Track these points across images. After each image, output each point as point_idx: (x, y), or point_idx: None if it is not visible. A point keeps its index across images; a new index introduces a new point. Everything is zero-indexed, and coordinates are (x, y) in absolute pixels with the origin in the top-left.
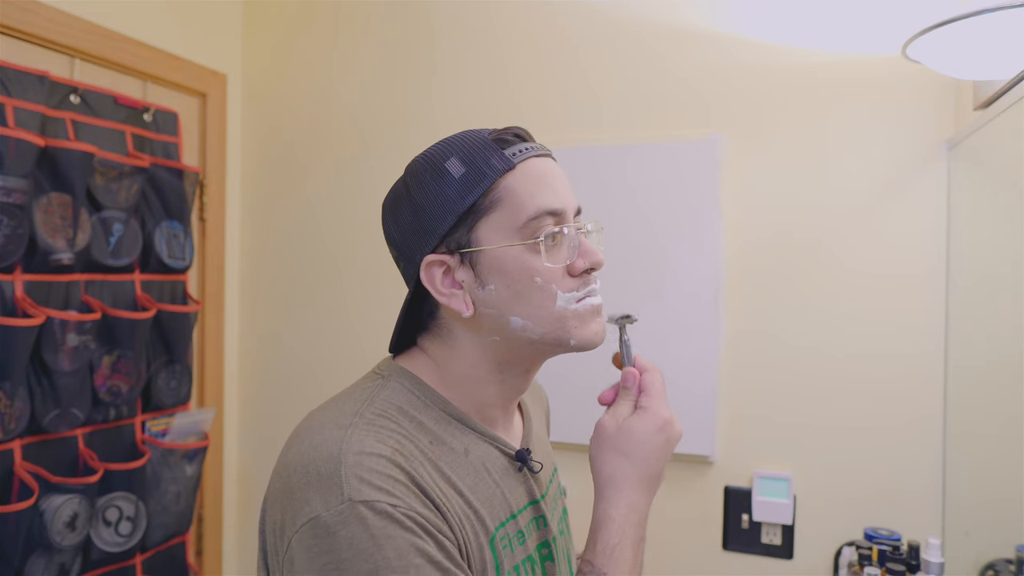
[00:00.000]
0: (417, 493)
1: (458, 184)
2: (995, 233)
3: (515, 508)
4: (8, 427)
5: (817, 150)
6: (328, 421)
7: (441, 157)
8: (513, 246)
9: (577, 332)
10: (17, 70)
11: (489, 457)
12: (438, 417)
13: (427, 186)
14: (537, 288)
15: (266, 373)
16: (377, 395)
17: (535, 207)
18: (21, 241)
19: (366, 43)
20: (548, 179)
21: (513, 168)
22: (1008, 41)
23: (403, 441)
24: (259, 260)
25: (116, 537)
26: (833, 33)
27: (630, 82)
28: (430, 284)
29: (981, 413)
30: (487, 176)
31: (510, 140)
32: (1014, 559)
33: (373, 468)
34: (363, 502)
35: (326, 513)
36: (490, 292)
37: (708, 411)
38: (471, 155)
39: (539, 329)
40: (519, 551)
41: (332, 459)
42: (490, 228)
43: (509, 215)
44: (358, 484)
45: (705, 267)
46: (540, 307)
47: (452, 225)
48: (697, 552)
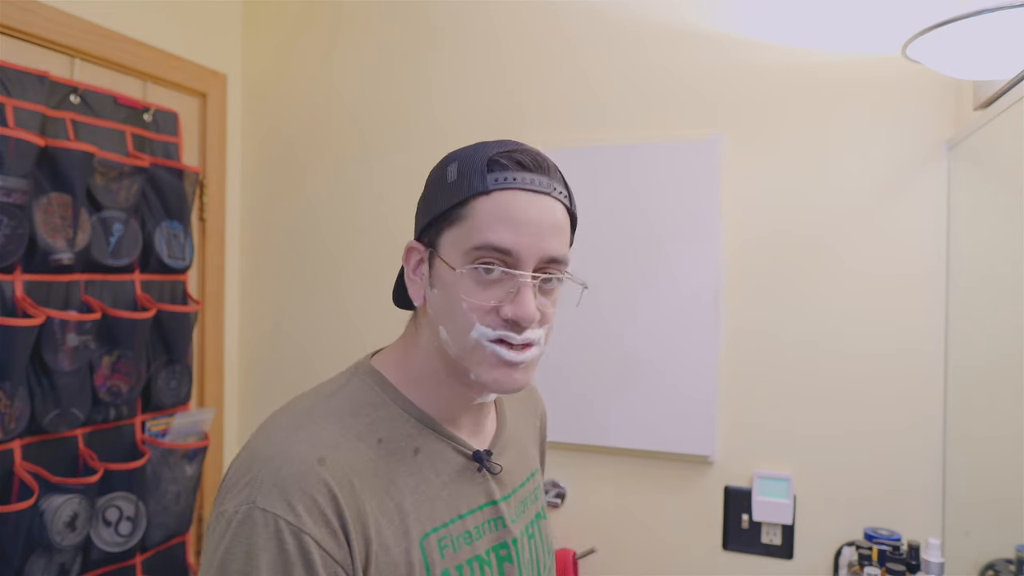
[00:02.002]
0: (326, 514)
1: (446, 189)
2: (995, 233)
3: (464, 509)
4: (8, 427)
5: (817, 150)
6: (284, 418)
7: (451, 160)
8: (456, 267)
9: (479, 370)
10: (17, 70)
11: (442, 457)
12: (394, 415)
13: (431, 181)
14: (462, 312)
15: (266, 373)
16: (337, 393)
17: (483, 238)
18: (21, 241)
19: (366, 43)
20: (515, 217)
21: (487, 194)
22: (1008, 41)
23: (346, 445)
24: (259, 260)
25: (116, 537)
26: (833, 33)
27: (630, 82)
28: (406, 264)
29: (981, 413)
30: (462, 192)
31: (504, 165)
32: (1014, 559)
33: (292, 478)
34: (262, 510)
35: (233, 511)
36: (434, 295)
37: (708, 411)
38: (466, 167)
39: (453, 349)
40: (463, 551)
41: (260, 461)
42: (448, 240)
43: (463, 235)
44: (269, 489)
45: (705, 267)
46: (459, 329)
47: (427, 223)
48: (697, 552)
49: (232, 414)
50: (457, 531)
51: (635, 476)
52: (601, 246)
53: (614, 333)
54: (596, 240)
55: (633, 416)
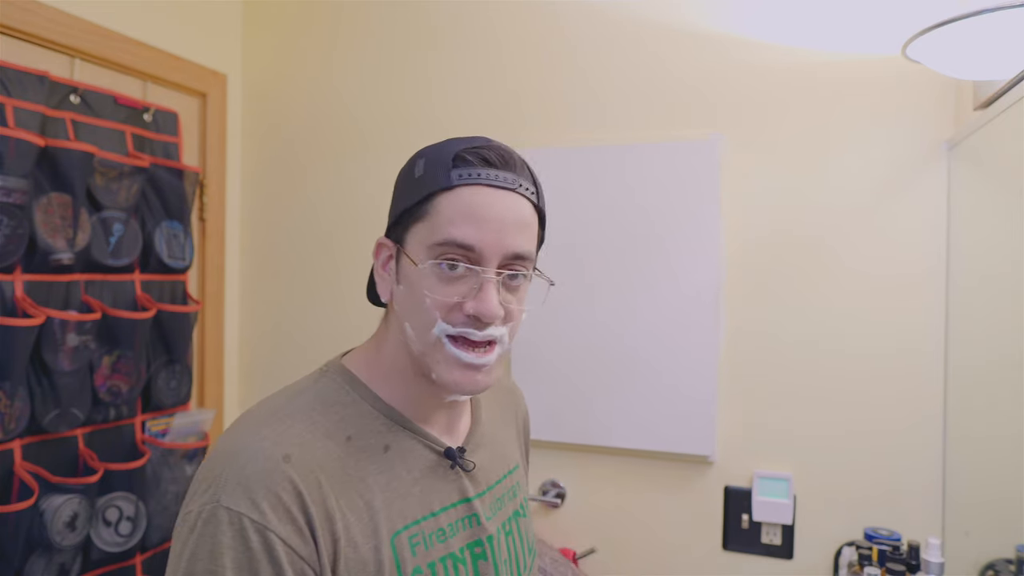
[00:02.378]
0: (291, 511)
1: (412, 184)
2: (995, 233)
3: (436, 506)
4: (8, 427)
5: (817, 150)
6: (252, 418)
7: (419, 155)
8: (420, 262)
9: (439, 369)
10: (17, 70)
11: (413, 454)
12: (364, 412)
13: (400, 176)
14: (424, 308)
15: (266, 373)
16: (306, 391)
17: (445, 233)
18: (21, 241)
19: (366, 43)
20: (479, 212)
21: (450, 189)
22: (1008, 41)
23: (314, 443)
24: (259, 260)
25: (116, 537)
26: (833, 33)
27: (630, 82)
28: (375, 259)
29: (981, 413)
30: (426, 187)
31: (469, 161)
32: (1014, 559)
33: (256, 475)
34: (227, 508)
35: (197, 510)
36: (400, 291)
37: (708, 411)
38: (432, 163)
39: (416, 346)
40: (436, 548)
41: (225, 458)
42: (413, 235)
43: (427, 231)
44: (233, 488)
45: (705, 267)
46: (422, 326)
47: (395, 219)
48: (697, 552)
49: (232, 414)
50: (429, 528)
51: (635, 476)
52: (601, 246)
53: (614, 333)
54: (596, 240)
55: (633, 416)
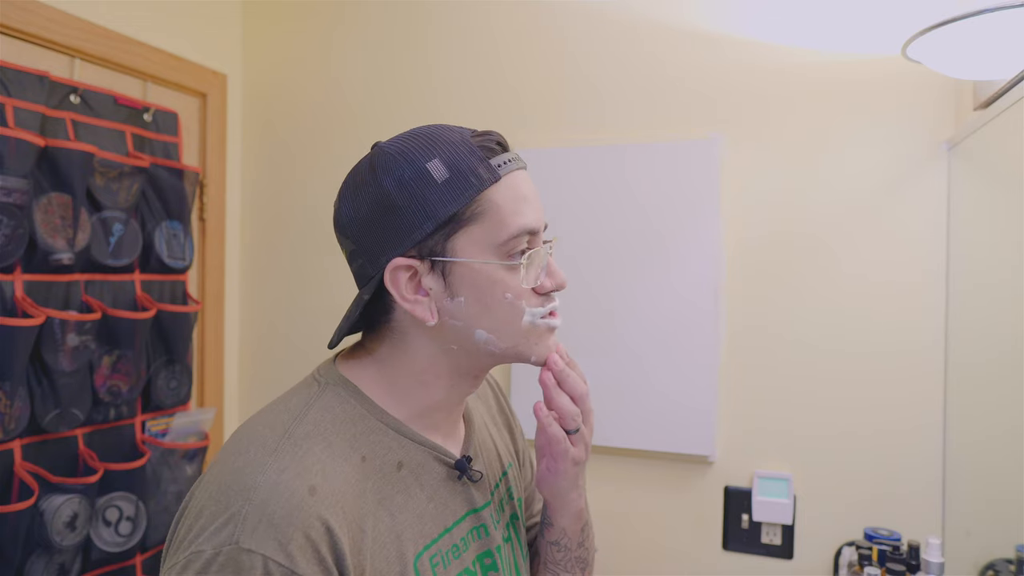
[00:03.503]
0: (320, 552)
1: (440, 190)
2: (995, 233)
3: (449, 521)
4: (8, 427)
5: (817, 150)
6: (256, 439)
7: (422, 156)
8: (490, 263)
9: (538, 349)
10: (17, 70)
11: (425, 468)
12: (374, 428)
13: (407, 185)
14: (507, 304)
15: (266, 373)
16: (311, 407)
17: (517, 226)
18: (21, 241)
19: (366, 43)
20: (528, 195)
21: (498, 181)
22: (1008, 41)
23: (334, 469)
24: (259, 260)
25: (116, 537)
26: (833, 33)
27: (630, 82)
28: (395, 288)
29: (981, 413)
30: (472, 186)
31: (494, 149)
32: (1014, 559)
33: (282, 513)
34: (248, 551)
35: (211, 552)
36: (459, 304)
37: (708, 411)
38: (456, 160)
39: (502, 344)
40: (454, 566)
41: (243, 491)
42: (468, 240)
43: (490, 230)
44: (255, 527)
45: (705, 267)
46: (507, 323)
47: (428, 233)
48: (697, 552)
49: (232, 414)
50: (446, 546)
51: (635, 476)
52: (601, 246)
53: (614, 333)
54: (596, 240)
55: (633, 416)
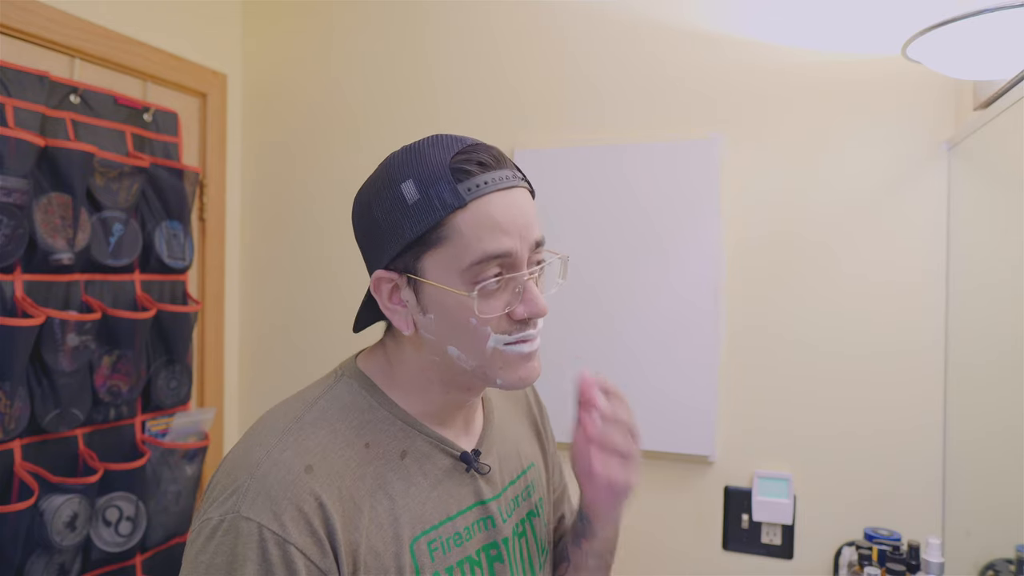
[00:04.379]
0: (312, 524)
1: (409, 211)
2: (995, 233)
3: (453, 510)
4: (8, 427)
5: (817, 150)
6: (271, 424)
7: (399, 176)
8: (452, 287)
9: (504, 374)
10: (17, 70)
11: (430, 459)
12: (381, 418)
13: (383, 203)
14: (472, 328)
15: (266, 373)
16: (324, 395)
17: (480, 251)
18: (21, 241)
19: (366, 43)
20: (501, 219)
21: (464, 206)
22: (1008, 41)
23: (335, 452)
24: (259, 260)
25: (116, 537)
26: (833, 33)
27: (630, 82)
28: (378, 296)
29: (981, 413)
30: (436, 211)
31: (470, 171)
32: (1014, 559)
33: (279, 487)
34: (247, 519)
35: (217, 519)
36: (429, 320)
37: (708, 411)
38: (425, 183)
39: (471, 362)
40: (454, 552)
41: (248, 467)
42: (434, 263)
43: (453, 255)
44: (254, 498)
45: (705, 267)
46: (472, 345)
47: (399, 251)
48: (697, 552)
49: (232, 414)
50: (447, 533)
51: None
52: (601, 246)
53: (614, 333)
54: (596, 240)
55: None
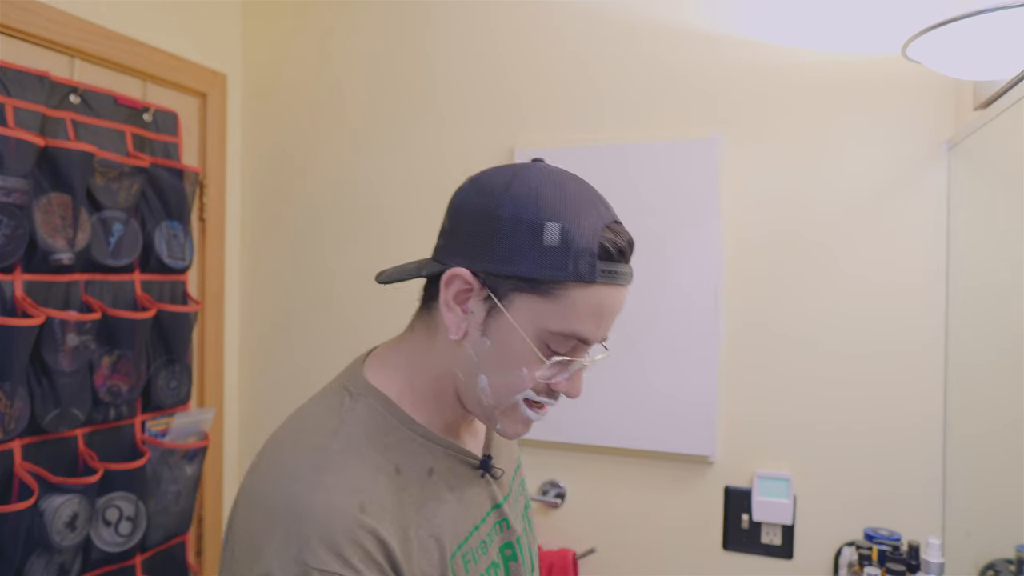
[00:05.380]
0: (379, 563)
1: (541, 250)
2: (995, 233)
3: (477, 519)
4: (8, 427)
5: (817, 150)
6: (294, 457)
7: (547, 212)
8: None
9: (505, 423)
10: (17, 70)
11: (452, 471)
12: (405, 438)
13: (517, 222)
14: (518, 377)
15: (266, 373)
16: (345, 421)
17: (572, 329)
18: (21, 241)
19: (366, 43)
20: (604, 312)
21: (590, 284)
22: (1008, 41)
23: (373, 485)
24: (259, 260)
25: (116, 537)
26: (833, 33)
27: (630, 82)
28: (445, 288)
29: (981, 413)
30: (564, 272)
31: (611, 255)
32: (1014, 559)
33: (340, 531)
34: (319, 571)
35: (279, 571)
36: (483, 343)
37: (708, 411)
38: (571, 238)
39: (489, 401)
40: (482, 561)
41: (298, 513)
42: (528, 305)
43: (548, 312)
44: (317, 547)
45: (705, 267)
46: (505, 388)
47: (501, 272)
48: (697, 552)
49: (232, 414)
50: (475, 542)
51: (635, 476)
52: None
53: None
54: None
55: (633, 416)
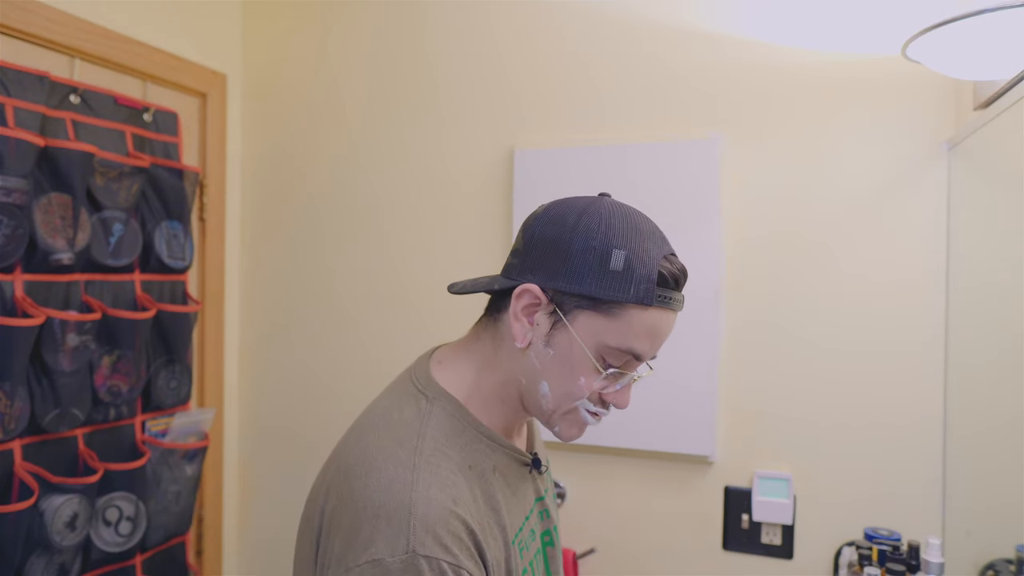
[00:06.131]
0: (470, 548)
1: (606, 274)
2: (995, 232)
3: (527, 510)
4: (8, 427)
5: (817, 150)
6: (389, 456)
7: (616, 240)
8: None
9: (563, 427)
10: (17, 70)
11: (510, 468)
12: (474, 438)
13: (587, 248)
14: (576, 385)
15: (266, 373)
16: (427, 423)
17: (628, 345)
18: (21, 241)
19: (366, 43)
20: (657, 333)
21: (647, 307)
22: (1008, 41)
23: (458, 480)
24: (259, 260)
25: (116, 537)
26: (833, 33)
27: (630, 82)
28: (516, 301)
29: (981, 412)
30: (626, 295)
31: (667, 282)
32: (1014, 559)
33: (439, 522)
34: (425, 556)
35: (390, 559)
36: (546, 353)
37: (708, 411)
38: (634, 266)
39: (549, 406)
40: (532, 547)
41: (403, 507)
42: (589, 321)
43: (608, 331)
44: (423, 536)
45: (705, 267)
46: (564, 394)
47: (571, 292)
48: (697, 552)
49: (232, 414)
50: (526, 532)
51: (635, 476)
52: None
53: None
54: None
55: (633, 416)
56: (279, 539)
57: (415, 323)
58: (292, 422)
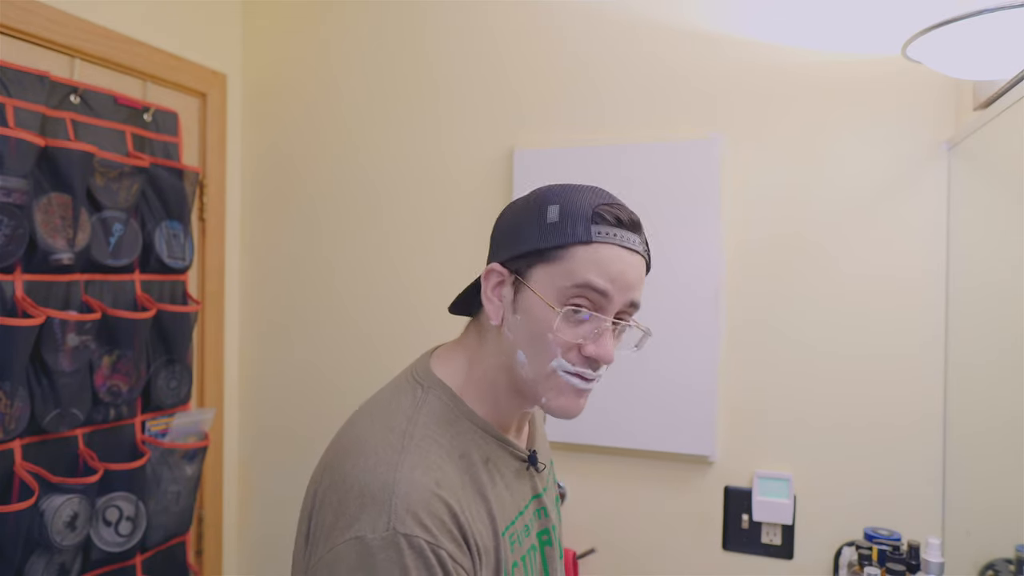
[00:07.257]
0: (452, 531)
1: (545, 228)
2: (995, 232)
3: (521, 506)
4: (8, 427)
5: (817, 150)
6: (380, 440)
7: (549, 199)
8: (545, 302)
9: (551, 397)
10: (17, 70)
11: (504, 462)
12: (467, 429)
13: (527, 215)
14: (546, 341)
15: (266, 373)
16: (420, 410)
17: (582, 278)
18: (21, 241)
19: (366, 43)
20: (609, 267)
21: (588, 243)
22: (1008, 41)
23: (445, 466)
24: (259, 260)
25: (116, 537)
26: (833, 33)
27: (630, 82)
28: (484, 283)
29: (981, 412)
30: (565, 236)
31: (607, 220)
32: (1014, 559)
33: (420, 503)
34: (404, 535)
35: (372, 535)
36: (516, 320)
37: (708, 411)
38: (568, 213)
39: (529, 374)
40: (525, 543)
41: (386, 487)
42: (542, 274)
43: (560, 274)
44: (404, 515)
45: (705, 267)
46: (539, 356)
47: (520, 254)
48: (697, 552)
49: (232, 414)
50: (519, 526)
51: (635, 476)
52: None
53: None
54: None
55: (633, 416)
56: (279, 538)
57: (415, 323)
58: (292, 422)
